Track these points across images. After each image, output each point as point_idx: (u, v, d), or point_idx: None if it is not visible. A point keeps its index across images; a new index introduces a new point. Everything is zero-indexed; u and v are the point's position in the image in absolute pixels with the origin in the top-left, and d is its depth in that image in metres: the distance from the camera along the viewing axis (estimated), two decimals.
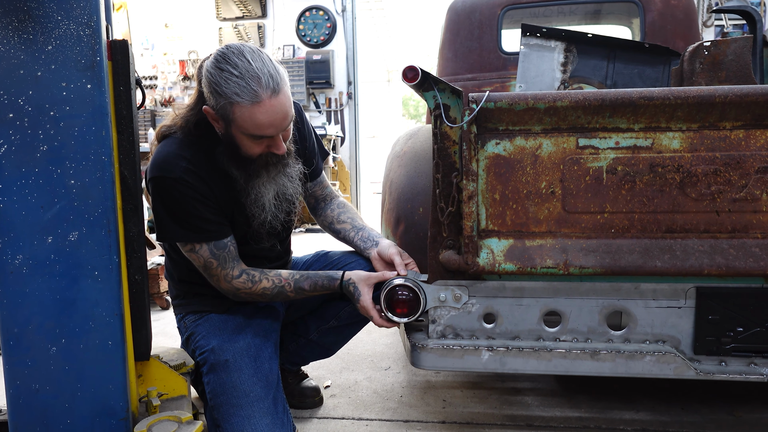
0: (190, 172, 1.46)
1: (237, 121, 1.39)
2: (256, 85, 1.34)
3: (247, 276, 1.59)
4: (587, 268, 1.42)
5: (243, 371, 1.53)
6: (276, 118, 1.39)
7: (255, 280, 1.59)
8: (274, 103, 1.37)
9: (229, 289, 1.59)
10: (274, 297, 1.62)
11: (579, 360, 1.48)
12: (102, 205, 1.17)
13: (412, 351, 1.55)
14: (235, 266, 1.58)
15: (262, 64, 1.36)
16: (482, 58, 3.05)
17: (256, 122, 1.38)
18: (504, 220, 1.47)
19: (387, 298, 1.53)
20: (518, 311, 1.52)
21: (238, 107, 1.36)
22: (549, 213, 1.45)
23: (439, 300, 1.53)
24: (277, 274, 1.62)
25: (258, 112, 1.36)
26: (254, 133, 1.40)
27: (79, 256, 1.16)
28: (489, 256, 1.46)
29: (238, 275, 1.58)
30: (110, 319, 1.19)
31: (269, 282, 1.60)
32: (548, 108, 1.39)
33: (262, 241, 1.64)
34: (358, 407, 1.90)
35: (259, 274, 1.60)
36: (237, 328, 1.62)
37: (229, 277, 1.57)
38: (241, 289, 1.59)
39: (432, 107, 1.46)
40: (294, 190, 1.60)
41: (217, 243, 1.54)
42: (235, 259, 1.59)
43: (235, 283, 1.58)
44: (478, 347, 1.50)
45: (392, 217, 1.89)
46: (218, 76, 1.36)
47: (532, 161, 1.44)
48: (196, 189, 1.47)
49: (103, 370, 1.20)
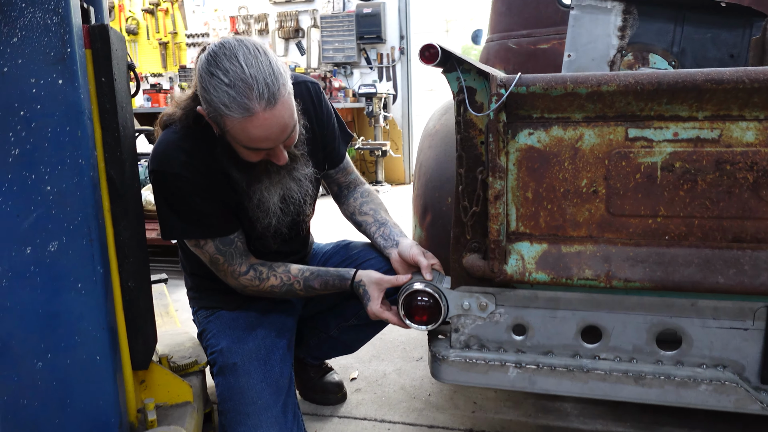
0: (189, 166, 1.35)
1: (230, 132, 1.25)
2: (248, 96, 1.18)
3: (255, 273, 1.48)
4: (633, 281, 1.22)
5: (252, 375, 1.44)
6: (272, 132, 1.24)
7: (262, 277, 1.48)
8: (269, 116, 1.21)
9: (237, 286, 1.50)
10: (283, 295, 1.51)
11: (620, 384, 1.29)
12: (82, 213, 1.07)
13: (432, 362, 1.41)
14: (243, 262, 1.48)
15: (258, 70, 1.19)
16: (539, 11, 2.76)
17: (250, 136, 1.23)
18: (537, 221, 1.28)
19: (405, 304, 1.39)
20: (552, 324, 1.34)
21: (228, 119, 1.22)
22: (590, 215, 1.25)
23: (462, 308, 1.37)
24: (286, 271, 1.50)
25: (251, 126, 1.21)
26: (249, 145, 1.27)
27: (60, 268, 1.07)
28: (518, 263, 1.28)
29: (245, 271, 1.48)
30: (97, 333, 1.11)
31: (277, 279, 1.49)
32: (591, 93, 1.17)
33: (269, 245, 1.53)
34: (383, 406, 1.80)
35: (267, 271, 1.49)
36: (248, 326, 1.53)
37: (236, 274, 1.47)
38: (248, 286, 1.49)
39: (455, 91, 1.27)
40: (302, 193, 1.46)
41: (223, 239, 1.44)
42: (243, 254, 1.48)
43: (242, 279, 1.48)
44: (505, 363, 1.35)
45: (419, 206, 1.73)
46: (208, 81, 1.21)
47: (571, 155, 1.23)
48: (196, 184, 1.36)
49: (93, 385, 1.13)
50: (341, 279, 1.48)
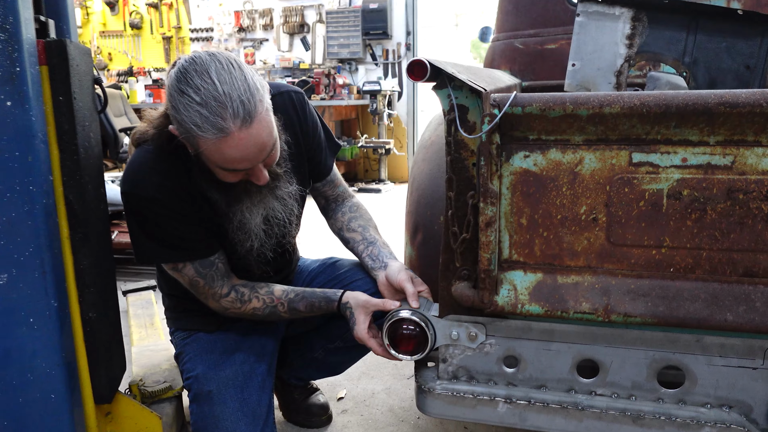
0: (164, 189, 1.26)
1: (204, 153, 1.16)
2: (222, 116, 1.10)
3: (236, 294, 1.40)
4: (634, 316, 1.13)
5: (227, 404, 1.36)
6: (249, 152, 1.16)
7: (244, 299, 1.40)
8: (245, 136, 1.13)
9: (218, 308, 1.42)
10: (266, 317, 1.44)
11: (617, 424, 1.21)
12: (33, 243, 0.99)
13: (418, 394, 1.33)
14: (224, 284, 1.40)
15: (232, 86, 1.10)
16: (547, 10, 2.65)
17: (225, 157, 1.15)
18: (531, 249, 1.19)
19: (390, 332, 1.31)
20: (546, 357, 1.25)
21: (202, 140, 1.13)
22: (589, 244, 1.16)
23: (450, 338, 1.29)
24: (270, 293, 1.42)
25: (225, 147, 1.13)
26: (225, 167, 1.18)
27: (10, 302, 1.00)
28: (510, 293, 1.20)
29: (226, 293, 1.40)
30: (51, 370, 1.04)
31: (260, 302, 1.41)
32: (593, 115, 1.07)
33: (252, 269, 1.44)
34: (369, 430, 1.72)
35: (250, 293, 1.41)
36: (226, 350, 1.45)
37: (217, 296, 1.40)
38: (230, 309, 1.41)
39: (446, 109, 1.18)
40: (287, 213, 1.38)
41: (203, 261, 1.36)
42: (224, 276, 1.40)
43: (224, 302, 1.40)
44: (494, 398, 1.26)
45: (411, 223, 1.64)
46: (178, 100, 1.12)
47: (569, 180, 1.14)
48: (172, 207, 1.27)
49: (48, 424, 1.06)
50: (328, 301, 1.40)
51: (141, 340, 1.98)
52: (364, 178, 7.34)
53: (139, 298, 2.46)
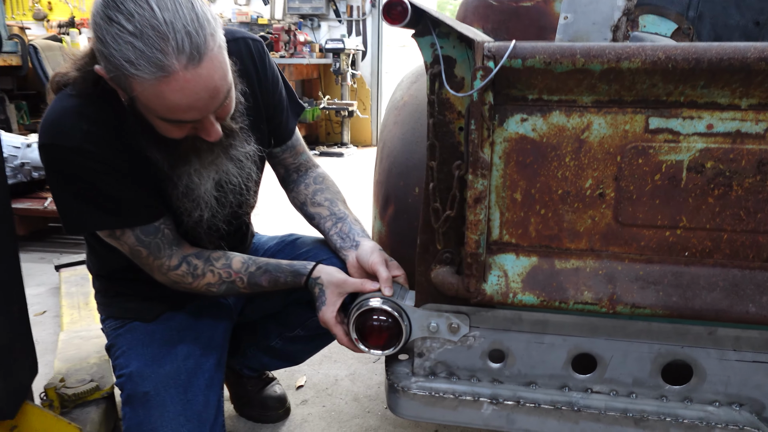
0: (93, 138, 1.03)
1: (140, 99, 0.93)
2: (162, 50, 0.87)
3: (188, 267, 1.19)
4: (643, 307, 0.98)
5: (167, 408, 1.17)
6: (197, 99, 0.93)
7: (197, 273, 1.20)
8: (192, 77, 0.90)
9: (166, 282, 1.21)
10: (222, 294, 1.23)
11: (617, 426, 1.07)
12: None
13: (390, 393, 1.16)
14: (173, 254, 1.18)
15: (175, 14, 0.87)
16: None
17: (167, 104, 0.93)
18: (526, 229, 1.02)
19: (358, 323, 1.13)
20: (538, 351, 1.10)
21: (137, 81, 0.90)
22: (593, 224, 0.99)
23: (428, 329, 1.11)
24: (227, 266, 1.21)
25: (168, 90, 0.90)
26: (167, 117, 0.96)
27: None
28: (501, 280, 1.03)
29: (176, 265, 1.19)
30: None
31: (215, 276, 1.20)
32: (608, 71, 0.89)
33: (202, 245, 1.23)
34: (332, 423, 1.56)
35: (204, 265, 1.20)
36: (166, 342, 1.25)
37: (164, 268, 1.18)
38: (180, 283, 1.20)
39: (428, 61, 0.98)
40: (244, 178, 1.17)
41: (145, 228, 1.14)
42: (173, 244, 1.18)
43: (172, 275, 1.19)
44: (478, 398, 1.10)
45: (381, 194, 1.45)
46: (105, 29, 0.89)
47: (574, 148, 0.96)
48: (104, 161, 1.05)
49: None
50: (295, 275, 1.21)
51: (72, 323, 1.75)
52: (325, 142, 7.06)
53: (74, 273, 2.21)
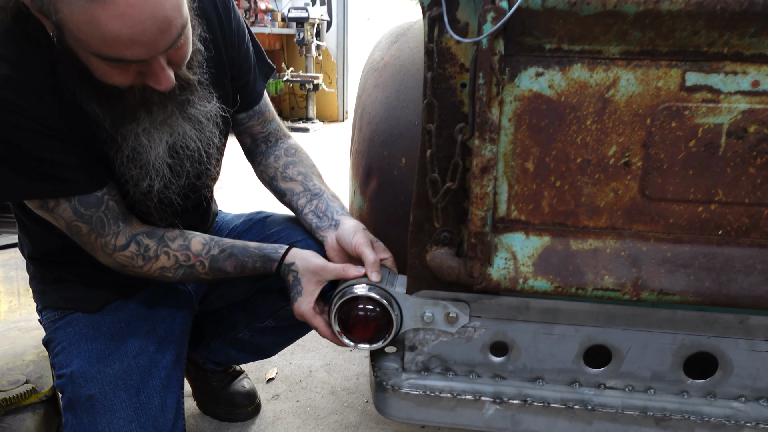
0: (16, 85, 0.84)
1: (70, 28, 0.74)
2: None
3: (138, 248, 1.01)
4: (671, 293, 0.86)
5: (116, 414, 1.00)
6: (143, 30, 0.75)
7: (149, 255, 1.02)
8: (137, 1, 0.72)
9: (112, 265, 1.03)
10: (179, 280, 1.06)
11: (636, 426, 0.95)
12: None
13: (377, 392, 1.02)
14: (120, 231, 1.00)
15: None
16: None
17: (104, 35, 0.74)
18: (538, 205, 0.88)
19: (341, 314, 0.97)
20: (546, 343, 0.97)
21: (64, 4, 0.71)
22: (616, 198, 0.86)
23: (422, 320, 0.97)
24: (185, 248, 1.04)
25: (104, 16, 0.72)
26: (105, 54, 0.77)
27: None
28: (509, 264, 0.89)
29: (123, 245, 1.00)
30: None
31: (170, 259, 1.03)
32: (643, 14, 0.75)
33: (152, 219, 1.04)
34: (307, 421, 1.41)
35: (157, 246, 1.03)
36: (115, 336, 1.07)
37: (109, 248, 1.00)
38: (129, 266, 1.02)
39: (426, 2, 0.81)
40: (204, 142, 0.99)
41: (85, 199, 0.95)
42: (120, 219, 1.00)
43: (119, 257, 1.01)
44: (479, 397, 0.97)
45: (361, 166, 1.28)
46: None
47: (597, 109, 0.82)
48: (31, 114, 0.85)
49: None
50: (265, 260, 1.04)
51: (10, 311, 1.55)
52: (290, 117, 6.80)
53: (14, 255, 1.98)
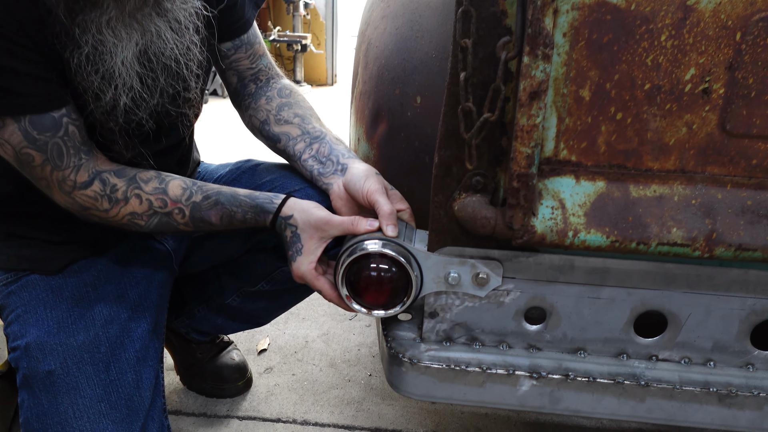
0: None
1: None
2: None
3: (103, 187, 0.84)
4: (752, 249, 0.72)
5: (82, 392, 0.85)
6: None
7: (117, 197, 0.84)
8: None
9: (71, 207, 0.85)
10: (154, 230, 0.89)
11: (695, 404, 0.82)
12: None
13: (391, 365, 0.87)
14: (82, 165, 0.83)
15: None
16: None
17: None
18: (593, 142, 0.73)
19: (351, 274, 0.82)
20: (591, 308, 0.83)
21: None
22: (689, 134, 0.71)
23: (446, 282, 0.82)
24: (161, 191, 0.87)
25: None
26: None
27: None
28: (556, 213, 0.74)
29: (85, 182, 0.83)
30: None
31: (142, 204, 0.85)
32: None
33: (115, 145, 0.86)
34: (305, 396, 1.27)
35: (127, 187, 0.85)
36: (79, 301, 0.91)
37: (68, 185, 0.83)
38: (92, 210, 0.85)
39: None
40: (182, 50, 0.81)
41: (37, 120, 0.78)
42: (81, 151, 0.83)
43: (80, 196, 0.84)
44: (514, 371, 0.83)
45: (367, 108, 1.12)
46: None
47: (675, 21, 0.67)
48: None
49: None
50: (258, 211, 0.88)
51: None
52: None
53: None
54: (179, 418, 1.21)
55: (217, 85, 5.09)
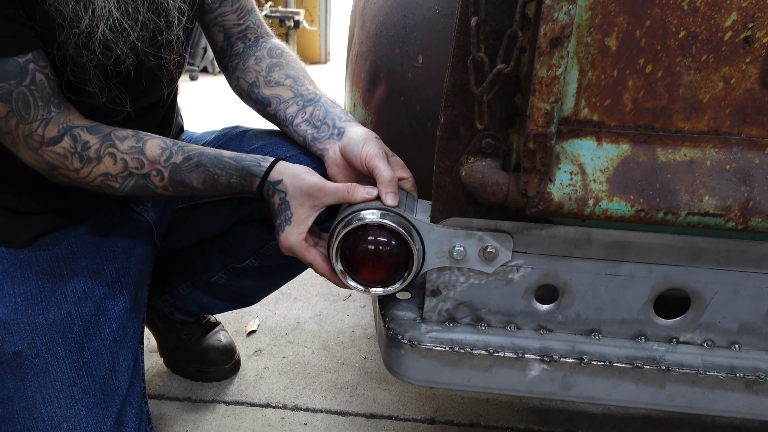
0: None
1: None
2: None
3: (74, 143, 0.76)
4: None
5: (51, 375, 0.77)
6: None
7: (88, 155, 0.76)
8: None
9: (39, 165, 0.77)
10: (129, 194, 0.80)
11: (719, 390, 0.75)
12: None
13: (389, 347, 0.80)
14: (52, 119, 0.75)
15: None
16: None
17: None
18: (618, 99, 0.65)
19: (346, 247, 0.74)
20: (609, 286, 0.76)
21: None
22: (726, 89, 0.64)
23: (451, 256, 0.75)
24: (137, 150, 0.78)
25: None
26: None
27: None
28: (575, 179, 0.66)
29: (55, 137, 0.75)
30: None
31: (117, 163, 0.77)
32: None
33: (88, 85, 0.77)
34: (296, 380, 1.20)
35: (100, 144, 0.77)
36: (50, 276, 0.83)
37: (35, 140, 0.74)
38: (61, 169, 0.77)
39: None
40: None
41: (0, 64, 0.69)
42: (51, 103, 0.74)
43: (48, 153, 0.75)
44: (523, 354, 0.76)
45: (365, 70, 1.04)
46: None
47: None
48: None
49: None
50: (244, 175, 0.80)
51: None
52: None
53: None
54: (162, 402, 1.14)
55: (208, 62, 4.96)
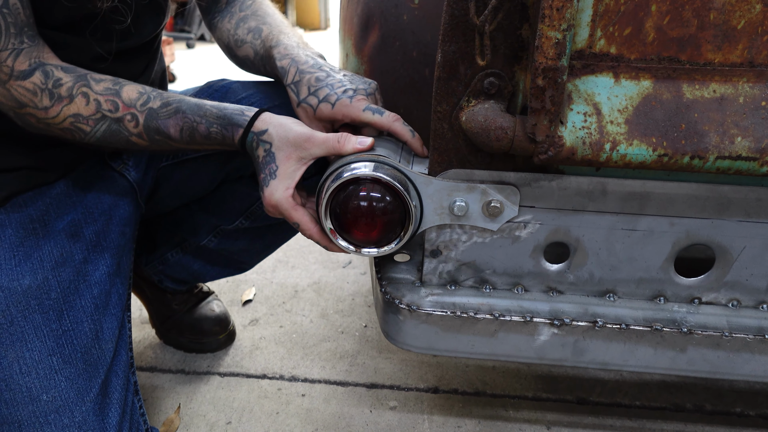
0: None
1: None
2: None
3: (45, 79, 0.69)
4: None
5: (29, 345, 0.72)
6: None
7: (60, 93, 0.69)
8: None
9: (5, 101, 0.70)
10: (100, 141, 0.73)
11: (746, 353, 0.69)
12: None
13: (386, 312, 0.74)
14: (24, 50, 0.67)
15: None
16: None
17: None
18: (637, 30, 0.58)
19: (336, 204, 0.68)
20: (625, 243, 0.69)
21: None
22: (765, 13, 0.56)
23: (451, 212, 0.68)
24: (112, 92, 0.71)
25: None
26: None
27: None
28: (590, 121, 0.59)
29: (25, 71, 0.68)
30: None
31: (90, 104, 0.70)
32: None
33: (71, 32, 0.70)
34: (293, 350, 1.15)
35: (74, 83, 0.70)
36: (24, 240, 0.77)
37: (4, 71, 0.67)
38: (28, 107, 0.70)
39: None
40: None
41: None
42: (25, 34, 0.67)
43: (16, 88, 0.68)
44: (531, 318, 0.70)
45: (356, 16, 0.96)
46: None
47: None
48: None
49: None
50: (225, 123, 0.73)
51: None
52: None
53: None
54: (154, 375, 1.10)
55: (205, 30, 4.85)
